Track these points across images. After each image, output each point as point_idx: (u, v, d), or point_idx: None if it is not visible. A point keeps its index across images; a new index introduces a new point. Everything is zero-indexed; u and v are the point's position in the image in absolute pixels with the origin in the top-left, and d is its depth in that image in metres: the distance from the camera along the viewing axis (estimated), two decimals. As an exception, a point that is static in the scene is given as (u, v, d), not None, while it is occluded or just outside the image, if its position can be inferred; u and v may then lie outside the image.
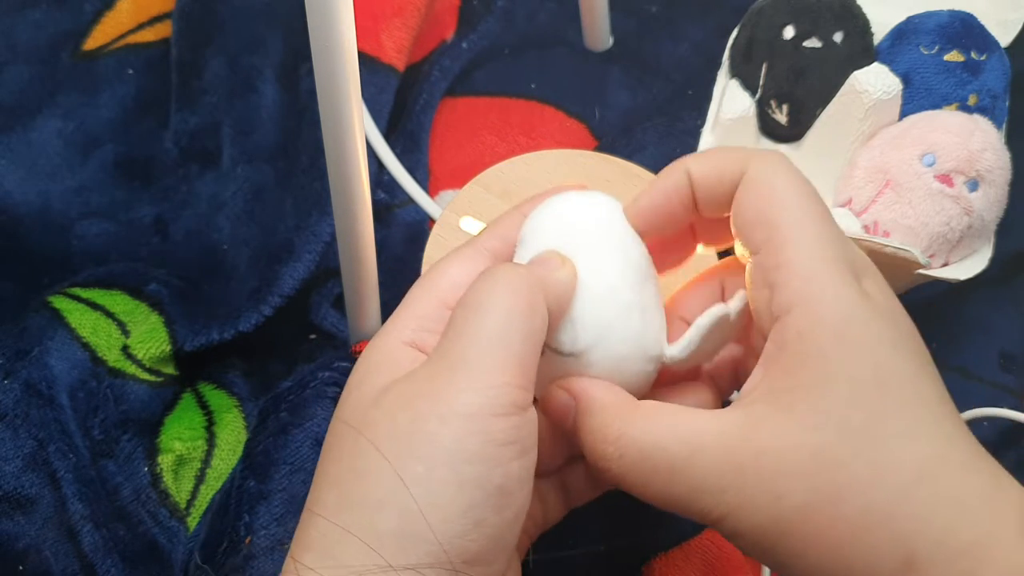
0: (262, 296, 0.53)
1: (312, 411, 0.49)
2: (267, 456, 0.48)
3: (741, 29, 0.56)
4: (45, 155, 0.61)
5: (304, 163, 0.58)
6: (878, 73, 0.51)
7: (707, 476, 0.30)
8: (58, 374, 0.49)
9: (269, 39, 0.63)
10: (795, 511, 0.28)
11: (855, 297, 0.30)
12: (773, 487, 0.28)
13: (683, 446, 0.30)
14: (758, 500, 0.29)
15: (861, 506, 0.28)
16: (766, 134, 0.56)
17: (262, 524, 0.46)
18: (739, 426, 0.30)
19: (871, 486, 0.28)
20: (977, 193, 0.49)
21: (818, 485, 0.28)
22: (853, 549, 0.28)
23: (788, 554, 0.29)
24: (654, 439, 0.31)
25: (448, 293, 0.33)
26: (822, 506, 0.28)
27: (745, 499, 0.29)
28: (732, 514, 0.29)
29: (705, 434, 0.30)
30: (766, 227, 0.31)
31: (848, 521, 0.28)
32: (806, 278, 0.30)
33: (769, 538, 0.29)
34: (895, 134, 0.51)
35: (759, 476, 0.29)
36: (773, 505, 0.28)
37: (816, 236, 0.31)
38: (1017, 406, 0.49)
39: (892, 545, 0.27)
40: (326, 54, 0.38)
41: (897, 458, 0.28)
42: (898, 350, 0.30)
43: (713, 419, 0.30)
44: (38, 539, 0.46)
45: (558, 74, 0.65)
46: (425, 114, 0.62)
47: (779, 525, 0.28)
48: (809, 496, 0.28)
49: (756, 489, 0.29)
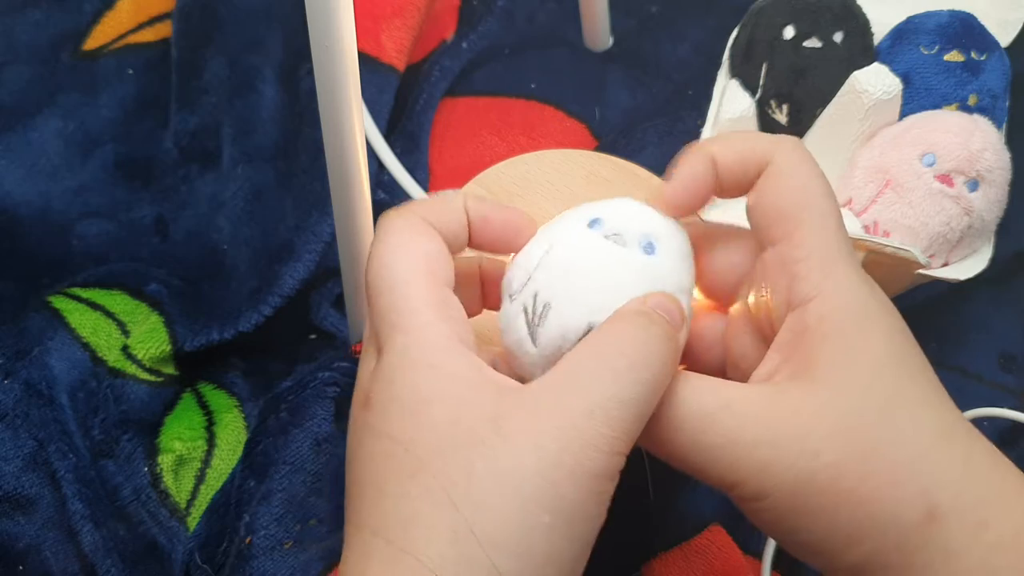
0: (262, 296, 0.53)
1: (312, 411, 0.49)
2: (267, 456, 0.48)
3: (741, 29, 0.56)
4: (45, 155, 0.61)
5: (304, 163, 0.58)
6: (878, 73, 0.51)
7: (740, 428, 0.30)
8: (58, 374, 0.49)
9: (269, 39, 0.63)
10: (828, 467, 0.29)
11: (869, 290, 0.32)
12: (807, 445, 0.29)
13: (717, 398, 0.30)
14: (790, 457, 0.29)
15: (889, 463, 0.29)
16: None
17: (262, 524, 0.46)
18: (770, 392, 0.31)
19: (897, 445, 0.29)
20: (977, 193, 0.49)
21: (849, 443, 0.29)
22: (881, 503, 0.29)
23: (816, 513, 0.29)
24: (689, 389, 0.31)
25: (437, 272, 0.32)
26: (853, 463, 0.29)
27: (777, 455, 0.29)
28: (761, 471, 0.29)
29: (739, 391, 0.31)
30: (791, 221, 0.32)
31: (877, 477, 0.29)
32: (827, 272, 0.31)
33: (799, 497, 0.29)
34: (895, 134, 0.51)
35: (794, 433, 0.29)
36: (808, 462, 0.29)
37: (835, 233, 0.32)
38: (1017, 406, 0.49)
39: (916, 498, 0.29)
40: (326, 54, 0.38)
41: (919, 421, 0.30)
42: (906, 336, 0.32)
43: (743, 386, 0.31)
44: (38, 539, 0.46)
45: (558, 74, 0.65)
46: (425, 114, 0.62)
47: (811, 482, 0.29)
48: (840, 454, 0.29)
49: (790, 446, 0.29)
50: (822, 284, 0.31)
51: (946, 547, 0.29)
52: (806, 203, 0.32)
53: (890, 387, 0.30)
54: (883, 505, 0.29)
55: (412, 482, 0.29)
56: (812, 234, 0.32)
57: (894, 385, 0.30)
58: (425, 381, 0.30)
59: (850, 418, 0.30)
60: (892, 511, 0.29)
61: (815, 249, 0.32)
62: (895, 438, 0.29)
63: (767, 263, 0.33)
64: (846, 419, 0.29)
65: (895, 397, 0.30)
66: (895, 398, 0.30)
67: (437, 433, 0.29)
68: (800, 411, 0.30)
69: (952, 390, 0.34)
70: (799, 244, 0.32)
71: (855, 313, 0.31)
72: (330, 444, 0.49)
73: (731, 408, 0.30)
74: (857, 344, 0.31)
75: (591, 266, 0.32)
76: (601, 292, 0.32)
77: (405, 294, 0.31)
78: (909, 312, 0.50)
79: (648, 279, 0.33)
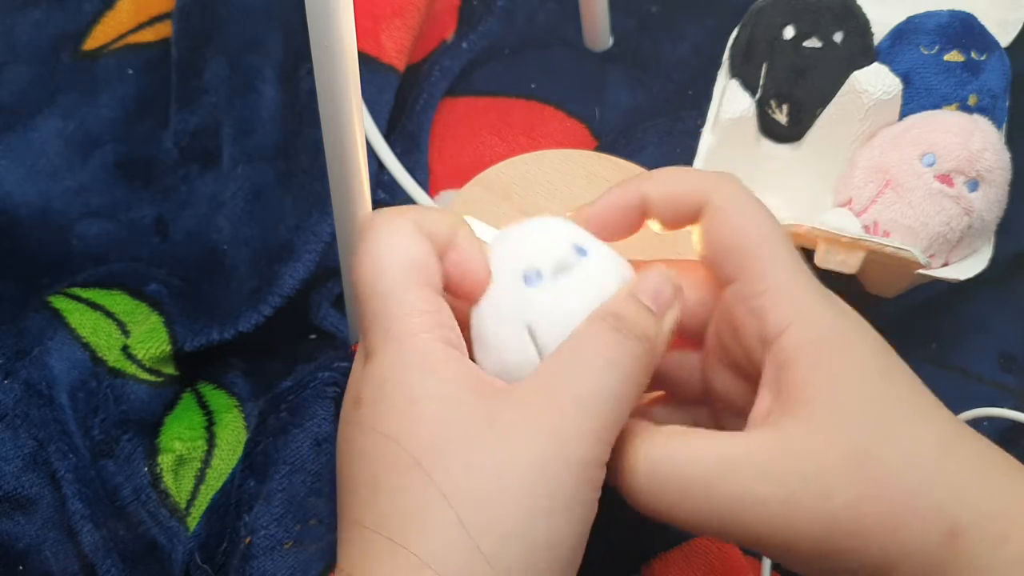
0: (262, 296, 0.53)
1: (312, 411, 0.49)
2: (267, 456, 0.48)
3: (741, 29, 0.56)
4: (45, 155, 0.61)
5: (304, 163, 0.58)
6: (878, 73, 0.51)
7: (749, 487, 0.29)
8: (58, 374, 0.49)
9: (269, 39, 0.63)
10: (845, 508, 0.29)
11: (838, 310, 0.32)
12: (819, 488, 0.29)
13: (719, 459, 0.30)
14: (806, 505, 0.29)
15: (903, 488, 0.29)
16: (766, 134, 0.56)
17: (262, 524, 0.46)
18: (770, 439, 0.30)
19: (907, 467, 0.29)
20: (977, 193, 0.49)
21: (859, 479, 0.29)
22: (905, 530, 0.29)
23: (846, 552, 0.29)
24: (687, 455, 0.30)
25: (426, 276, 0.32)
26: (869, 497, 0.29)
27: (792, 506, 0.29)
28: (780, 527, 0.29)
29: (739, 447, 0.30)
30: (742, 257, 0.32)
31: (895, 505, 0.29)
32: (794, 299, 0.31)
33: (825, 543, 0.29)
34: (895, 134, 0.51)
35: (803, 481, 0.29)
36: (822, 506, 0.29)
37: (791, 260, 0.32)
38: (1017, 406, 0.49)
39: (937, 517, 0.29)
40: (326, 54, 0.38)
41: (922, 439, 0.30)
42: (887, 351, 0.32)
43: (742, 436, 0.31)
44: (38, 539, 0.46)
45: (558, 74, 0.65)
46: (425, 114, 0.62)
47: (833, 525, 0.29)
48: (855, 491, 0.29)
49: (802, 494, 0.29)
50: (791, 314, 0.31)
51: (971, 563, 0.28)
52: (754, 236, 0.32)
53: (884, 409, 0.30)
54: (908, 531, 0.29)
55: (407, 477, 0.29)
56: (768, 266, 0.32)
57: (888, 405, 0.30)
58: (416, 382, 0.30)
59: (853, 452, 0.29)
60: (917, 535, 0.29)
61: (774, 280, 0.32)
62: (903, 461, 0.29)
63: (728, 300, 0.33)
64: (850, 456, 0.29)
65: (891, 418, 0.30)
66: (891, 420, 0.30)
67: (430, 429, 0.29)
68: (804, 455, 0.29)
69: (952, 390, 0.34)
70: (757, 278, 0.32)
71: (832, 338, 0.31)
72: (330, 444, 0.49)
73: (737, 467, 0.30)
74: (842, 371, 0.30)
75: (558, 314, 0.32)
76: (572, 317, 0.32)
77: (395, 299, 0.31)
78: (909, 312, 0.50)
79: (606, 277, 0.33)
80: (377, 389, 0.30)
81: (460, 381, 0.30)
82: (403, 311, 0.31)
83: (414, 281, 0.31)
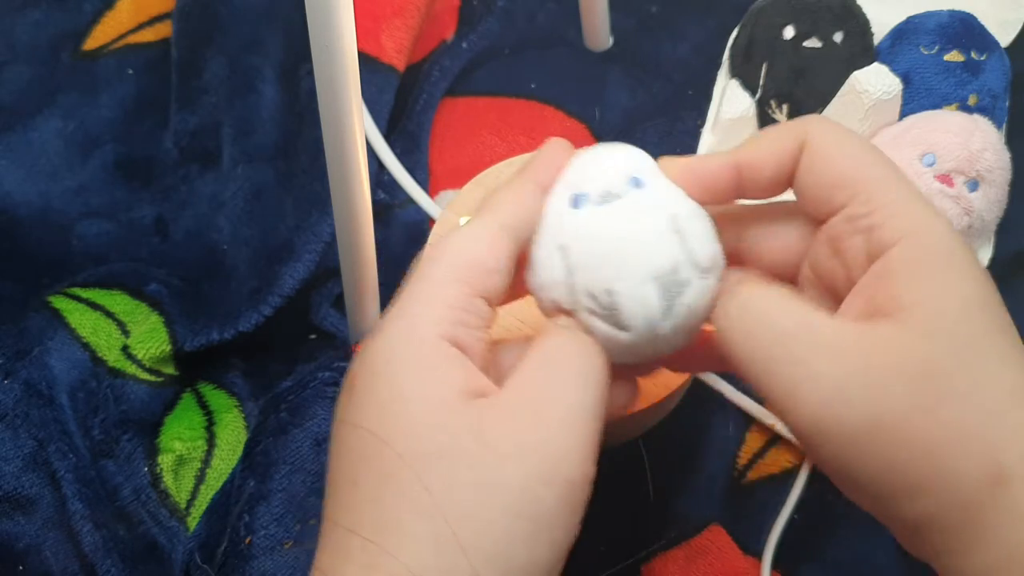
0: (262, 296, 0.53)
1: (312, 411, 0.49)
2: (267, 456, 0.48)
3: (741, 29, 0.56)
4: (45, 155, 0.61)
5: (304, 163, 0.58)
6: (878, 73, 0.51)
7: (811, 352, 0.29)
8: (58, 374, 0.49)
9: (269, 39, 0.63)
10: (895, 411, 0.28)
11: (952, 232, 0.31)
12: (878, 384, 0.28)
13: (796, 320, 0.30)
14: (861, 393, 0.28)
15: (959, 416, 0.28)
16: (766, 134, 0.56)
17: (262, 524, 0.46)
18: (851, 327, 0.30)
19: (971, 399, 0.28)
20: (977, 193, 0.49)
21: (921, 389, 0.28)
22: (946, 457, 0.28)
23: (876, 458, 0.28)
24: (770, 303, 0.31)
25: (473, 277, 0.31)
26: (922, 410, 0.28)
27: (847, 389, 0.29)
28: (829, 404, 0.29)
29: (820, 318, 0.30)
30: (853, 184, 0.31)
31: (945, 428, 0.28)
32: (907, 214, 0.30)
33: (861, 438, 0.28)
34: (895, 134, 0.51)
35: (865, 371, 0.29)
36: (875, 404, 0.28)
37: (900, 180, 0.32)
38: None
39: (983, 458, 0.28)
40: (326, 54, 0.38)
41: (996, 377, 0.29)
42: (990, 284, 0.31)
43: (829, 317, 0.30)
44: (38, 539, 0.46)
45: (558, 74, 0.65)
46: (425, 114, 0.62)
47: (877, 424, 0.28)
48: (911, 399, 0.28)
49: (862, 382, 0.28)
50: (907, 225, 0.30)
51: (1013, 510, 0.27)
52: (860, 162, 0.32)
53: (974, 336, 0.29)
54: (948, 460, 0.28)
55: (390, 482, 0.28)
56: (880, 186, 0.31)
57: (978, 335, 0.29)
58: (407, 378, 0.30)
59: (927, 363, 0.28)
60: (957, 467, 0.28)
61: (888, 198, 0.31)
62: (970, 391, 0.28)
63: (834, 231, 0.32)
64: (923, 364, 0.28)
65: (977, 348, 0.29)
66: (977, 349, 0.29)
67: (418, 435, 0.29)
68: (874, 350, 0.29)
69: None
70: (868, 199, 0.31)
71: (943, 254, 0.30)
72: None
73: (805, 334, 0.29)
74: (946, 286, 0.29)
75: (605, 246, 0.32)
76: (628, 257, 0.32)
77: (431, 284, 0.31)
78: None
79: (652, 211, 0.32)
80: (368, 381, 0.30)
81: (453, 384, 0.30)
82: (430, 297, 0.31)
83: (462, 278, 0.31)
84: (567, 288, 0.32)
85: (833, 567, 0.48)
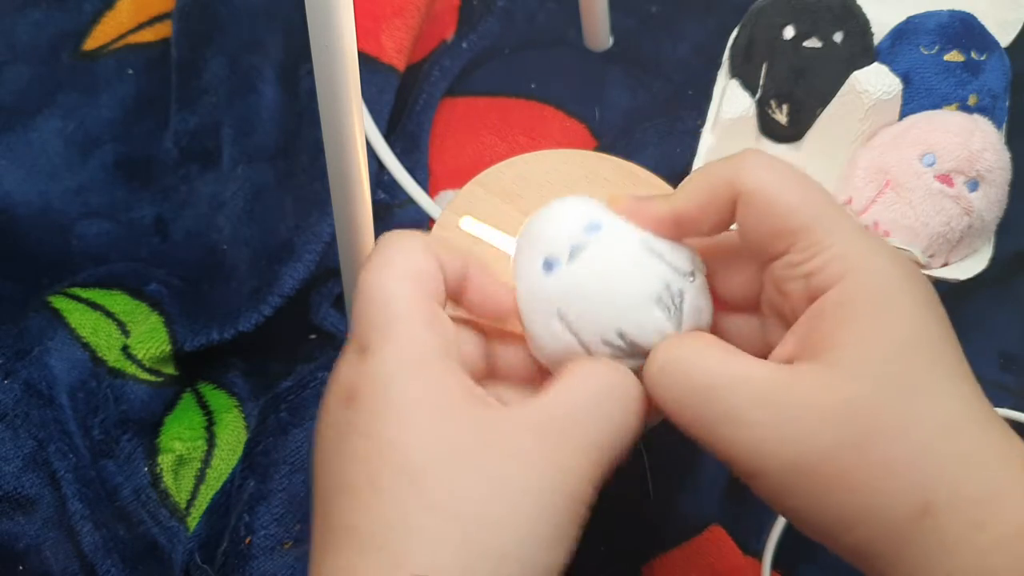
0: (262, 296, 0.53)
1: (312, 411, 0.49)
2: (267, 456, 0.48)
3: (741, 29, 0.56)
4: (45, 155, 0.61)
5: (304, 163, 0.58)
6: (878, 73, 0.51)
7: (744, 405, 0.30)
8: (58, 374, 0.49)
9: (269, 39, 0.63)
10: (823, 452, 0.29)
11: (891, 263, 0.31)
12: (805, 426, 0.29)
13: (726, 371, 0.31)
14: (788, 437, 0.29)
15: (885, 454, 0.29)
16: (766, 134, 0.56)
17: (262, 524, 0.46)
18: (781, 371, 0.31)
19: (897, 436, 0.29)
20: (977, 193, 0.49)
21: (848, 430, 0.29)
22: (873, 494, 0.29)
23: (808, 495, 0.29)
24: (700, 358, 0.31)
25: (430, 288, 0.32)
26: (849, 450, 0.29)
27: (775, 434, 0.29)
28: (759, 449, 0.30)
29: (747, 367, 0.31)
30: (788, 234, 0.32)
31: (872, 467, 0.29)
32: (845, 256, 0.31)
33: (792, 478, 0.29)
34: (895, 134, 0.51)
35: (794, 415, 0.29)
36: (802, 443, 0.29)
37: (841, 218, 0.32)
38: (1017, 406, 0.49)
39: (911, 492, 0.29)
40: (326, 54, 0.38)
41: (923, 413, 0.29)
42: (930, 311, 0.31)
43: (757, 361, 0.31)
44: (38, 539, 0.46)
45: (558, 74, 0.65)
46: (425, 114, 0.62)
47: (805, 464, 0.29)
48: (838, 439, 0.29)
49: (788, 426, 0.29)
50: (841, 270, 0.31)
51: (941, 543, 0.28)
52: (798, 207, 0.32)
53: (902, 374, 0.30)
54: (875, 496, 0.29)
55: (411, 489, 0.29)
56: (819, 231, 0.31)
57: (907, 372, 0.30)
58: (422, 391, 0.30)
59: (855, 403, 0.29)
60: (884, 502, 0.29)
61: (828, 241, 0.31)
62: (898, 428, 0.29)
63: (776, 275, 0.33)
64: (850, 405, 0.29)
65: (907, 385, 0.30)
66: (907, 386, 0.30)
67: (438, 444, 0.29)
68: (806, 393, 0.30)
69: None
70: (807, 246, 0.31)
71: (878, 295, 0.31)
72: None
73: (739, 384, 0.30)
74: (875, 328, 0.30)
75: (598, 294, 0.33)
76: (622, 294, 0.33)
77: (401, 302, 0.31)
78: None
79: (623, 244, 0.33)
80: (379, 392, 0.30)
81: (464, 395, 0.31)
82: (409, 314, 0.31)
83: (421, 290, 0.32)
84: (581, 345, 0.33)
85: (832, 567, 0.48)
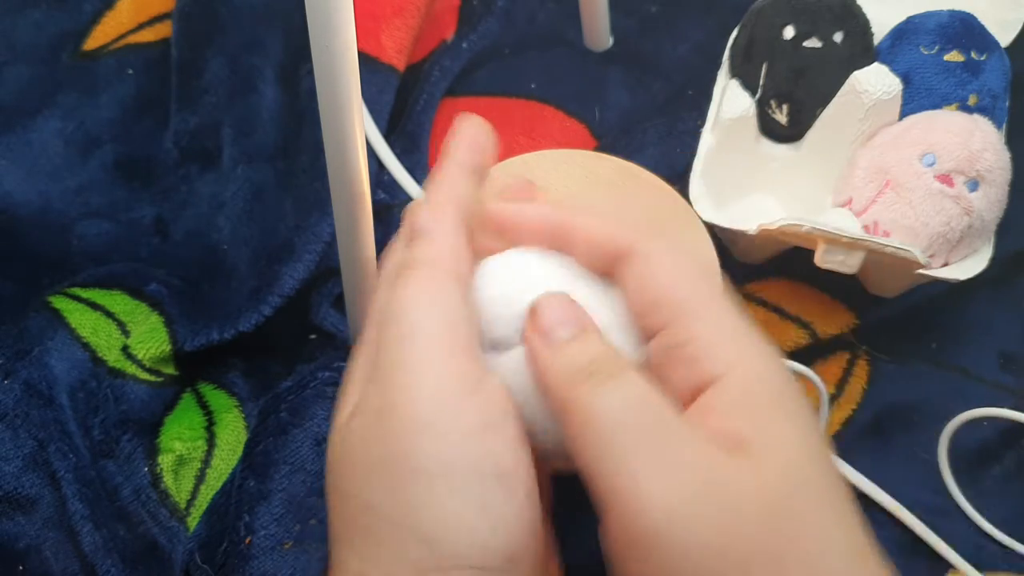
0: (262, 296, 0.53)
1: (312, 411, 0.49)
2: (267, 456, 0.48)
3: (741, 29, 0.56)
4: (45, 155, 0.61)
5: (304, 163, 0.58)
6: (878, 73, 0.51)
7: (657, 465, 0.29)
8: (58, 374, 0.49)
9: (269, 39, 0.63)
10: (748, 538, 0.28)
11: (777, 361, 0.31)
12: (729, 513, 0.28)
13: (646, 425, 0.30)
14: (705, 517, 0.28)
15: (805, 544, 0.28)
16: (766, 134, 0.56)
17: (262, 524, 0.46)
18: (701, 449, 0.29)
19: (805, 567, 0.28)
20: (977, 193, 0.49)
21: (773, 523, 0.28)
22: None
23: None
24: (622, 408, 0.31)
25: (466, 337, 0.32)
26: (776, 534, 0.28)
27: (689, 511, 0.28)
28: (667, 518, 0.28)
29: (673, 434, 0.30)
30: (669, 309, 0.31)
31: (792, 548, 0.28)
32: (728, 345, 0.31)
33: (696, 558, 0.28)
34: (895, 134, 0.51)
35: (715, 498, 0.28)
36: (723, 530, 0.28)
37: (726, 308, 0.32)
38: (1017, 406, 0.49)
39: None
40: (326, 54, 0.38)
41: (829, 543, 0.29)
42: (813, 425, 0.31)
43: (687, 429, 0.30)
44: (38, 539, 0.46)
45: (558, 74, 0.65)
46: (425, 114, 0.62)
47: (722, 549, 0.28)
48: (761, 531, 0.28)
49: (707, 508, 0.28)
50: (734, 356, 0.30)
51: None
52: (679, 288, 0.32)
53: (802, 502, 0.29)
54: None
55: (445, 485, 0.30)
56: (700, 315, 0.31)
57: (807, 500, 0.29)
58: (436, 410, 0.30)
59: (779, 500, 0.28)
60: None
61: (706, 328, 0.31)
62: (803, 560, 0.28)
63: (657, 357, 0.32)
64: (775, 500, 0.28)
65: (807, 513, 0.29)
66: (807, 514, 0.29)
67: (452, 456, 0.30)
68: (726, 479, 0.28)
69: (952, 390, 0.34)
70: (685, 327, 0.31)
71: (774, 390, 0.30)
72: (330, 444, 0.49)
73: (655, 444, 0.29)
74: (781, 426, 0.29)
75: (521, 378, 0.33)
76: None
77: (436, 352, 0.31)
78: (909, 312, 0.50)
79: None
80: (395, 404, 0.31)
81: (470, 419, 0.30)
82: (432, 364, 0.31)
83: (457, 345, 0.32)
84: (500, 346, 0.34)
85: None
